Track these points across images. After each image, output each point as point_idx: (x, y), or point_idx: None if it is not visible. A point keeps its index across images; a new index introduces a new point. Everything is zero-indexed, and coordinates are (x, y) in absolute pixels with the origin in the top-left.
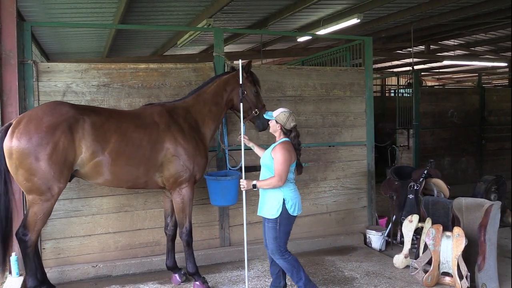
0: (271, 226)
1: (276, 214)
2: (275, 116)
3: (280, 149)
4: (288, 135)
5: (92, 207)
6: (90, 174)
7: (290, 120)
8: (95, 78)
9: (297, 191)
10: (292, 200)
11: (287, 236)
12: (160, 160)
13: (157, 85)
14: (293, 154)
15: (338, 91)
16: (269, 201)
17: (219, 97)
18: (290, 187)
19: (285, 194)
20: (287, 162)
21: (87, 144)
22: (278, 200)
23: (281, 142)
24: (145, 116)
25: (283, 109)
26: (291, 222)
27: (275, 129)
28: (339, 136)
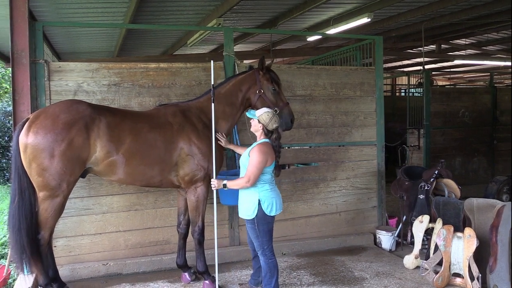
0: (250, 227)
1: (252, 215)
2: (258, 115)
3: (256, 151)
4: (269, 136)
5: (102, 206)
6: (104, 172)
7: (273, 121)
8: (106, 77)
9: (275, 191)
10: (268, 200)
11: (269, 235)
12: (174, 160)
13: (167, 84)
14: (270, 157)
15: (348, 90)
16: (245, 202)
17: (234, 97)
18: (266, 187)
19: (260, 194)
20: (260, 165)
21: (101, 144)
22: (253, 201)
23: (260, 143)
24: (159, 117)
25: (267, 109)
26: (269, 221)
27: (257, 129)
28: (349, 136)
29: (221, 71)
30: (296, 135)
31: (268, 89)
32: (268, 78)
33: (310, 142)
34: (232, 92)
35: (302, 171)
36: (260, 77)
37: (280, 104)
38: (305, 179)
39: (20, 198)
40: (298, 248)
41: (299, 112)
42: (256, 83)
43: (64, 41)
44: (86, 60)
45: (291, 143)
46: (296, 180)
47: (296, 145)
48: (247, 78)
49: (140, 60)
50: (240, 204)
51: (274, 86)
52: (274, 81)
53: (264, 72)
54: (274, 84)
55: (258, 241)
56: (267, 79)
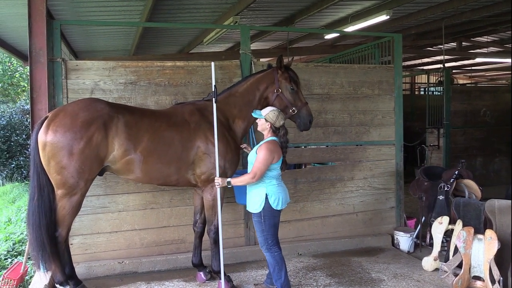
0: (256, 220)
1: (259, 208)
2: (265, 114)
3: (264, 148)
4: (277, 134)
5: (118, 204)
6: (121, 171)
7: (280, 118)
8: (122, 76)
9: (282, 186)
10: (275, 195)
11: (274, 230)
12: (191, 158)
13: (184, 83)
14: (276, 154)
15: (366, 89)
16: (253, 196)
17: (251, 96)
18: (273, 182)
19: (268, 189)
20: (266, 162)
21: (120, 142)
22: (261, 195)
23: (267, 141)
24: (176, 115)
25: (272, 108)
26: (276, 215)
27: (264, 128)
28: (367, 135)
29: (237, 70)
30: (313, 134)
31: (286, 89)
32: (287, 77)
33: (327, 141)
34: (249, 91)
35: (319, 170)
36: (278, 76)
37: (299, 104)
38: (321, 179)
39: (39, 196)
40: (314, 249)
41: (316, 111)
42: (274, 82)
43: (81, 40)
44: (103, 59)
45: (307, 142)
46: (312, 179)
47: (313, 144)
48: (265, 77)
49: (156, 59)
50: (248, 198)
51: (293, 85)
52: (292, 80)
53: (282, 71)
54: (292, 83)
55: (263, 236)
56: (285, 78)
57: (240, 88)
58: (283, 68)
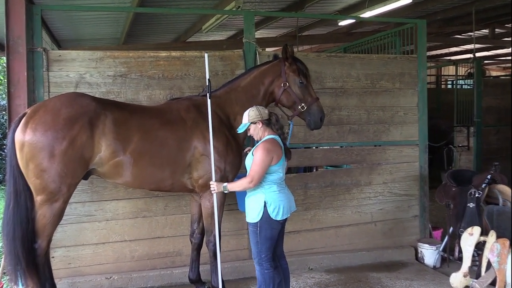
0: (252, 230)
1: (256, 218)
2: (250, 119)
3: (260, 149)
4: (272, 127)
5: (106, 212)
6: (109, 174)
7: (261, 110)
8: (111, 67)
9: (284, 193)
10: (275, 203)
11: (270, 243)
12: (187, 160)
13: (180, 75)
14: (275, 154)
15: (385, 82)
16: (251, 204)
17: (255, 90)
18: (273, 188)
19: (267, 196)
20: (264, 163)
21: (107, 142)
22: (259, 203)
23: (264, 140)
24: (171, 112)
25: (246, 111)
26: (274, 227)
27: (257, 131)
28: (386, 134)
29: (240, 61)
30: (325, 133)
31: (294, 82)
32: (295, 70)
33: (342, 141)
34: (253, 85)
35: (332, 174)
36: (285, 68)
37: (309, 99)
38: (335, 184)
39: (15, 203)
40: (327, 263)
41: (329, 107)
42: (281, 75)
43: (64, 27)
44: (89, 48)
45: (319, 143)
46: (325, 184)
47: (326, 145)
48: (270, 69)
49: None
50: (246, 206)
51: (302, 78)
52: (301, 73)
53: (290, 62)
54: (301, 76)
55: (257, 248)
56: (293, 71)
57: (243, 82)
58: (291, 59)
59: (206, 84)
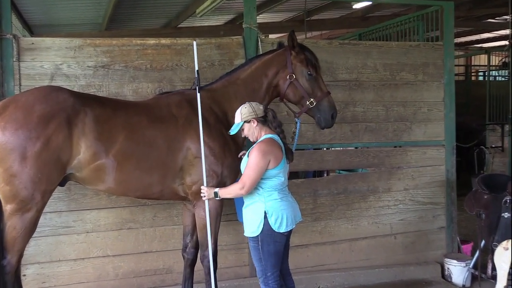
0: (253, 246)
1: (256, 231)
2: (243, 118)
3: (255, 150)
4: (268, 124)
5: (86, 223)
6: (89, 180)
7: (255, 106)
8: (92, 57)
9: (288, 201)
10: (276, 213)
11: (275, 259)
12: (179, 164)
13: (171, 66)
14: (273, 156)
15: (407, 74)
16: (249, 216)
17: (257, 83)
18: (274, 196)
19: (267, 205)
20: (258, 167)
21: (87, 143)
22: (258, 214)
23: (260, 141)
24: (160, 108)
25: (238, 109)
26: (277, 240)
27: (252, 131)
28: (407, 134)
29: (239, 49)
30: (338, 132)
31: (302, 74)
32: (303, 59)
33: (356, 142)
34: (254, 77)
35: (345, 179)
36: (292, 58)
37: (318, 93)
38: (349, 191)
39: None
40: (340, 281)
41: (342, 102)
42: (286, 65)
43: (38, 11)
44: (67, 35)
45: (331, 143)
46: (337, 191)
47: (338, 146)
48: (275, 59)
49: (135, 35)
50: (244, 219)
51: (310, 70)
52: (310, 63)
53: (297, 51)
54: (310, 67)
55: (261, 266)
56: (301, 61)
57: (243, 74)
58: (298, 47)
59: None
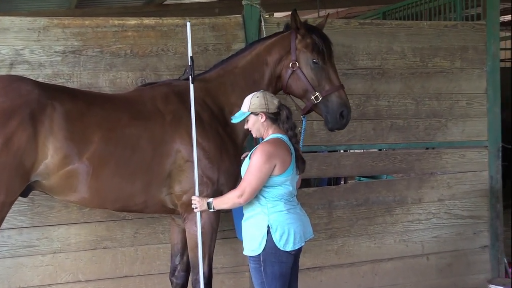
0: (254, 267)
1: (258, 249)
2: (252, 108)
3: (258, 152)
4: (278, 123)
5: (53, 241)
6: (58, 189)
7: (269, 99)
8: (60, 40)
9: (296, 214)
10: (282, 227)
11: (280, 282)
12: (167, 169)
13: (155, 51)
14: (279, 160)
15: (441, 60)
16: (249, 230)
17: (258, 73)
18: (279, 207)
19: (271, 218)
20: (261, 172)
21: (56, 144)
22: (260, 229)
23: (265, 141)
24: (144, 102)
25: (249, 95)
26: (283, 260)
27: (258, 126)
28: (442, 133)
29: (238, 31)
30: (357, 131)
31: (306, 62)
32: (308, 44)
33: (380, 143)
34: (254, 65)
35: (367, 188)
36: (296, 42)
37: (326, 86)
38: (371, 201)
39: None
40: None
41: (362, 94)
42: (290, 51)
43: None
44: (29, 14)
45: (349, 144)
46: (357, 202)
47: (358, 147)
48: (278, 43)
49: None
50: (244, 234)
51: (316, 56)
52: (315, 48)
53: (302, 33)
54: (315, 53)
55: None
56: (306, 46)
57: (241, 61)
58: (303, 29)
59: (186, 65)
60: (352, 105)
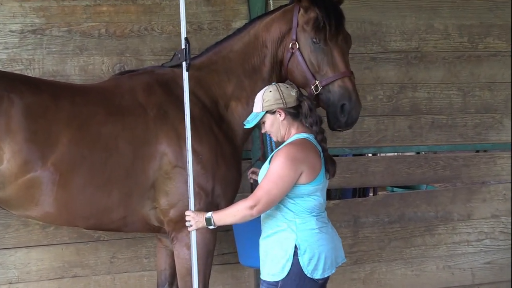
0: None
1: (280, 273)
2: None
3: (281, 155)
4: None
5: (8, 269)
6: (16, 202)
7: (285, 91)
8: (17, 17)
9: (328, 233)
10: (312, 250)
11: None
12: (151, 177)
13: (137, 30)
14: (306, 165)
15: (495, 40)
16: (271, 250)
17: (256, 57)
18: (311, 224)
19: (300, 237)
20: (284, 180)
21: (14, 147)
22: (285, 248)
23: (289, 142)
24: (122, 94)
25: (260, 92)
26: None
27: (278, 127)
28: (496, 131)
29: (240, 5)
30: (389, 129)
31: (306, 43)
32: (309, 20)
33: (418, 144)
34: (253, 48)
35: (401, 201)
36: (299, 17)
37: (329, 73)
38: (407, 217)
39: None
40: None
41: (396, 84)
42: (291, 30)
43: None
44: None
45: (379, 146)
46: (389, 219)
47: (390, 150)
48: (278, 20)
49: None
50: (262, 254)
51: (315, 35)
52: (316, 25)
53: (305, 6)
54: (314, 31)
55: None
56: (306, 22)
57: (237, 44)
58: (306, 1)
59: (180, 47)
60: (383, 97)
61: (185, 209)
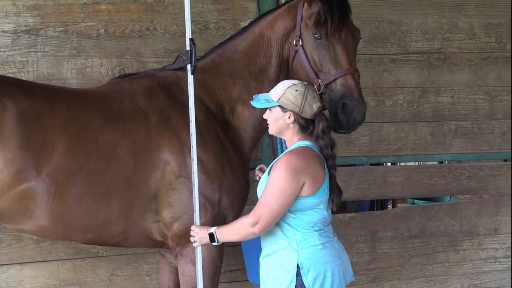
0: None
1: None
2: (280, 101)
3: (281, 165)
4: (309, 131)
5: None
6: (8, 215)
7: (309, 100)
8: (9, 16)
9: (333, 249)
10: (317, 268)
11: None
12: (153, 187)
13: (137, 31)
14: (308, 176)
15: None
16: (271, 270)
17: (262, 57)
18: (314, 240)
19: (302, 255)
20: (285, 193)
21: (7, 155)
22: (286, 268)
23: (290, 151)
24: (122, 99)
25: (289, 82)
26: None
27: (281, 124)
28: None
29: (250, 3)
30: (410, 136)
31: (308, 39)
32: (312, 14)
33: (441, 153)
34: (258, 48)
35: (423, 214)
36: (303, 12)
37: (331, 71)
38: (429, 232)
39: None
40: None
41: (416, 87)
42: (296, 26)
43: None
44: None
45: (398, 154)
46: (409, 233)
47: (410, 158)
48: (283, 16)
49: None
50: (263, 273)
51: (317, 31)
52: (318, 20)
53: (310, 1)
54: (316, 26)
55: None
56: (310, 16)
57: (242, 43)
58: None
59: (186, 48)
60: (403, 102)
61: (190, 222)
